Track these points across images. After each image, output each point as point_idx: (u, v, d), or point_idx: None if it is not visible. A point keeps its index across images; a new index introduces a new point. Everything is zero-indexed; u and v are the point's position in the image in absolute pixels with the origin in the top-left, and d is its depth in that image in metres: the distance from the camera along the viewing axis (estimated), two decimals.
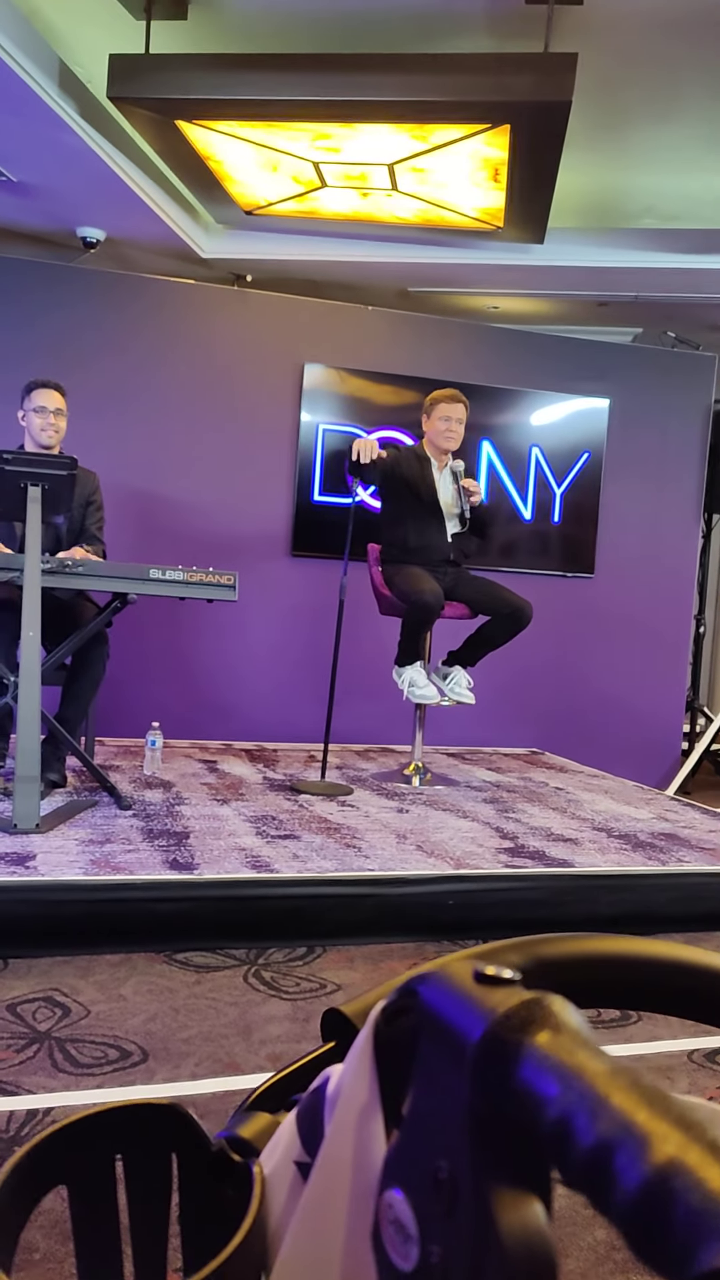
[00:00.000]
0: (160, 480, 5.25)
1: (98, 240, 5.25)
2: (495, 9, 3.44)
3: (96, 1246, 0.52)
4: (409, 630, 4.15)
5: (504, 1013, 0.37)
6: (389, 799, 4.02)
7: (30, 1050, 1.99)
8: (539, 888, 2.98)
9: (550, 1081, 0.34)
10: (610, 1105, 0.32)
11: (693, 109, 4.05)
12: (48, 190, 4.72)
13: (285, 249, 5.43)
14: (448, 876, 2.92)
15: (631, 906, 3.03)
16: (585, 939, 0.54)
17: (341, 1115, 0.46)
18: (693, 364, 5.99)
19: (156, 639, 5.19)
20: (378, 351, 5.53)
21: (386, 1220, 0.41)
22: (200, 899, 2.68)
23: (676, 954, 0.55)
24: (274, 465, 5.42)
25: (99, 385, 5.04)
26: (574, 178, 4.64)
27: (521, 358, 5.74)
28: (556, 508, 5.76)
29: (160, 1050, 2.03)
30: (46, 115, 3.90)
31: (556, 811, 3.97)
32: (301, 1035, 2.16)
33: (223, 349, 5.33)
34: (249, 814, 3.54)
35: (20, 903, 2.55)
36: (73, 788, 3.77)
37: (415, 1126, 0.41)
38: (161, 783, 4.02)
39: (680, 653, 6.08)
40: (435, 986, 0.41)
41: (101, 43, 3.79)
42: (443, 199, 4.57)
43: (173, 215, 5.00)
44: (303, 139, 4.04)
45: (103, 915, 2.60)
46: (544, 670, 5.73)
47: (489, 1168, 0.36)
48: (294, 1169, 0.50)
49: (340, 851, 3.09)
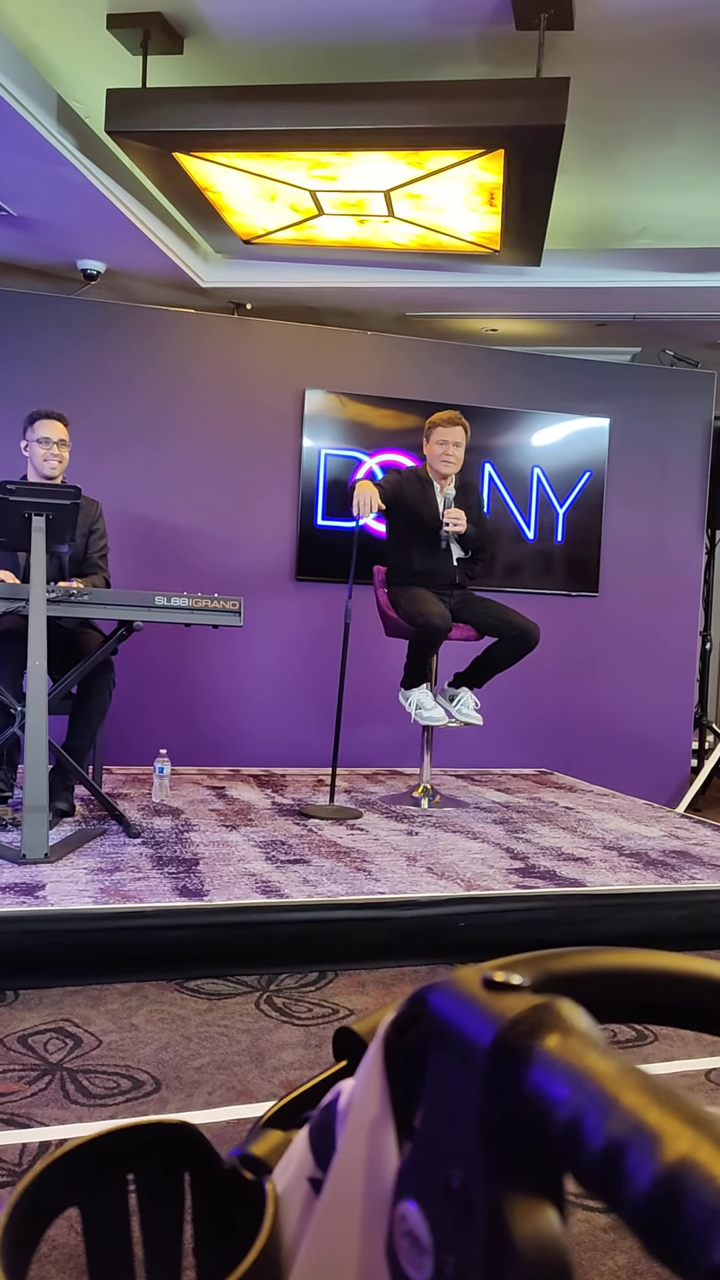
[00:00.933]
0: (163, 508, 5.27)
1: (98, 272, 5.30)
2: (487, 36, 3.49)
3: (109, 1266, 0.51)
4: (416, 653, 4.15)
5: (513, 1018, 0.37)
6: (398, 821, 4.01)
7: (42, 1082, 1.98)
8: (551, 908, 2.96)
9: (561, 1084, 0.34)
10: (621, 1105, 0.32)
11: (686, 130, 4.09)
12: (48, 224, 4.77)
13: (284, 276, 5.47)
14: (459, 898, 2.90)
15: (644, 925, 3.01)
16: (595, 953, 0.54)
17: (353, 1129, 0.46)
18: (692, 382, 6.02)
19: (163, 667, 5.20)
20: (378, 376, 5.57)
21: (400, 1233, 0.41)
22: (211, 926, 2.66)
23: (688, 967, 0.55)
24: (277, 491, 5.44)
25: (101, 415, 5.07)
26: (569, 200, 4.68)
27: (521, 379, 5.77)
28: (559, 527, 5.77)
29: (173, 1079, 2.01)
30: (46, 150, 3.95)
31: (567, 831, 3.95)
32: (314, 1061, 2.14)
33: (224, 377, 5.36)
34: (258, 839, 3.53)
35: (30, 933, 2.54)
36: (81, 816, 3.77)
37: (427, 1136, 0.41)
38: (170, 810, 4.01)
39: (687, 669, 6.07)
40: (445, 995, 0.41)
41: (99, 78, 3.84)
42: (439, 224, 4.61)
43: (172, 246, 5.05)
44: (299, 168, 4.08)
45: (113, 944, 2.59)
46: (551, 690, 5.72)
47: (502, 1174, 0.36)
48: (307, 1185, 0.49)
49: (350, 875, 3.07)
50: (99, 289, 5.48)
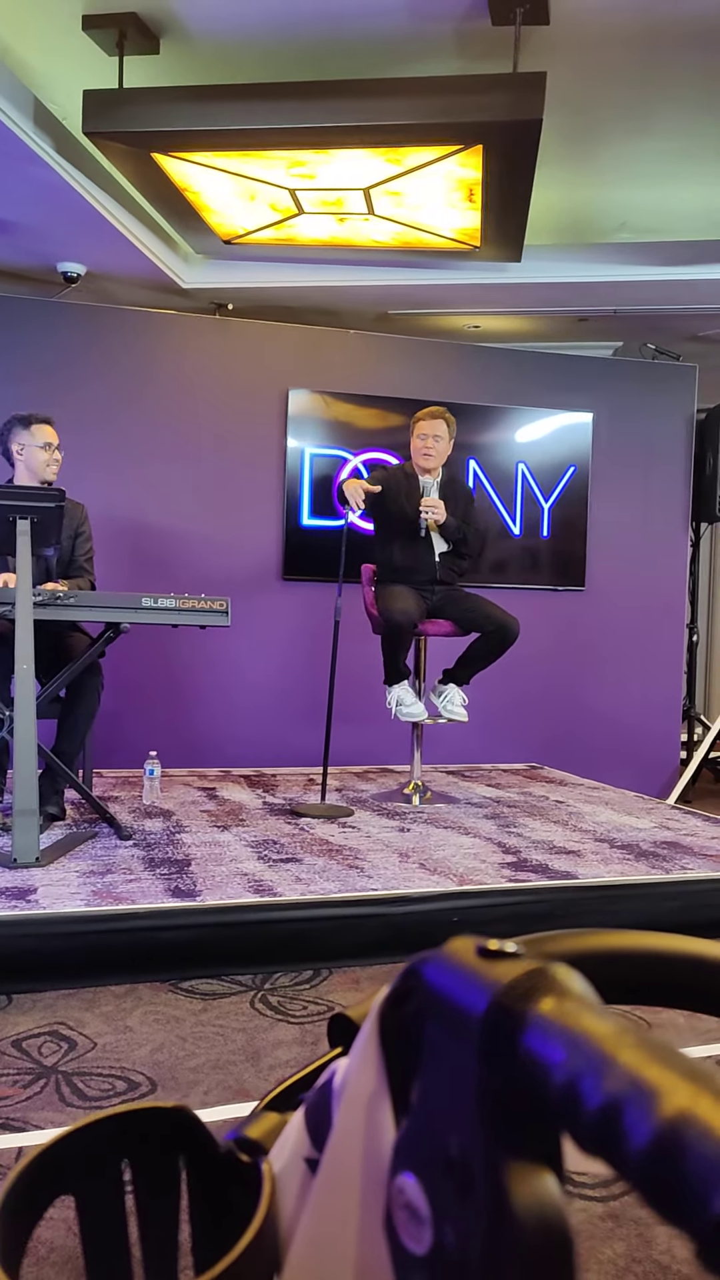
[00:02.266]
0: (149, 510, 5.26)
1: (78, 275, 5.28)
2: (463, 31, 3.49)
3: (106, 1251, 0.51)
4: (385, 650, 4.17)
5: (508, 983, 0.37)
6: (390, 819, 4.00)
7: (37, 1085, 1.97)
8: (544, 901, 2.96)
9: (556, 1046, 0.34)
10: (618, 1063, 0.31)
11: (664, 123, 4.10)
12: (27, 227, 4.75)
13: (265, 276, 5.46)
14: (452, 893, 2.90)
15: (637, 916, 3.01)
16: (591, 934, 0.54)
17: (349, 1104, 0.45)
18: (674, 375, 6.04)
19: (151, 668, 5.18)
20: (361, 374, 5.57)
21: (398, 1205, 0.40)
22: (204, 926, 2.66)
23: (686, 947, 0.54)
24: (262, 491, 5.43)
25: (85, 418, 5.06)
26: (549, 195, 4.68)
27: (504, 375, 5.78)
28: (545, 522, 5.78)
29: (169, 1080, 2.00)
30: (23, 152, 3.94)
31: (558, 824, 3.96)
32: (310, 1059, 2.13)
33: (207, 378, 5.35)
34: (250, 839, 3.52)
35: (23, 937, 2.53)
36: (72, 820, 3.75)
37: (424, 1108, 0.40)
38: (161, 811, 4.00)
39: (675, 661, 6.08)
40: (439, 965, 0.41)
41: (75, 79, 3.82)
42: (419, 221, 4.61)
43: (152, 247, 5.04)
44: (278, 167, 4.08)
45: (106, 946, 2.58)
46: (540, 684, 5.73)
47: (500, 1142, 0.36)
48: (303, 1166, 0.49)
49: (343, 873, 3.07)
50: (79, 291, 5.46)
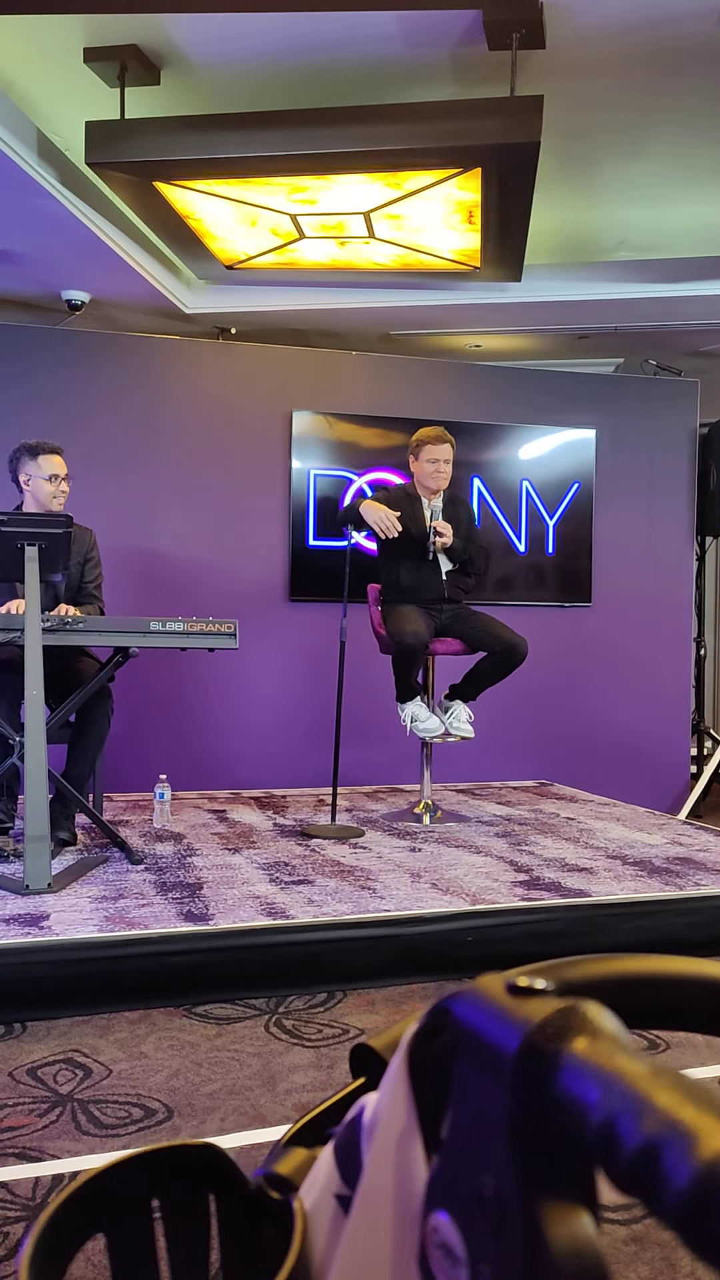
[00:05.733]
0: (156, 535, 5.28)
1: (83, 302, 5.32)
2: (460, 56, 3.53)
3: None
4: (397, 670, 4.17)
5: (540, 1022, 0.37)
6: (401, 838, 4.00)
7: (53, 1114, 1.96)
8: (557, 919, 2.95)
9: (591, 1086, 0.34)
10: (654, 1105, 0.32)
11: (660, 143, 4.13)
12: (31, 257, 4.79)
13: (267, 300, 5.51)
14: (465, 913, 2.89)
15: (651, 933, 3.00)
16: (611, 959, 0.54)
17: (380, 1143, 0.46)
18: (676, 390, 6.06)
19: (160, 692, 5.19)
20: (364, 395, 5.59)
21: (433, 1244, 0.41)
22: (217, 950, 2.65)
23: (704, 970, 0.54)
24: (267, 513, 5.45)
25: (91, 445, 5.08)
26: (548, 215, 4.72)
27: (506, 393, 5.81)
28: (550, 539, 5.79)
29: (185, 1106, 2.00)
30: (27, 184, 3.98)
31: (569, 842, 3.95)
32: (327, 1083, 2.13)
33: (211, 401, 5.38)
34: (261, 861, 3.52)
35: (36, 964, 2.52)
36: (83, 845, 3.75)
37: (456, 1146, 0.40)
38: (172, 835, 4.00)
39: (682, 676, 6.08)
40: (469, 1002, 0.41)
41: (78, 111, 3.87)
42: (419, 243, 4.65)
43: (155, 274, 5.08)
44: (279, 193, 4.11)
45: (119, 972, 2.57)
46: (548, 701, 5.73)
47: (534, 1180, 0.36)
48: (334, 1203, 0.49)
49: (355, 894, 3.06)
50: (84, 319, 5.50)
